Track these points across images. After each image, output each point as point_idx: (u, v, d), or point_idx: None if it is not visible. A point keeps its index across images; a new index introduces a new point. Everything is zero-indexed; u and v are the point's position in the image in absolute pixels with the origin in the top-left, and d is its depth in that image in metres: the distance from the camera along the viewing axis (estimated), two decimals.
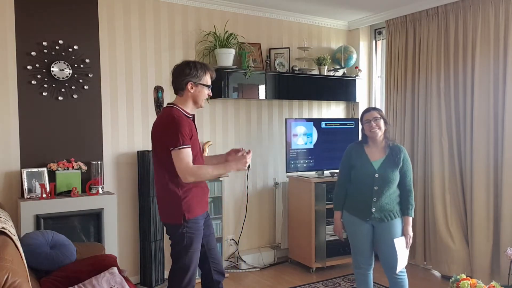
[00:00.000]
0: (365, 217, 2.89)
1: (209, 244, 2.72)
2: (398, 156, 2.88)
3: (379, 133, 2.90)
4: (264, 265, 4.48)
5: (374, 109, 2.98)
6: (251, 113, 4.58)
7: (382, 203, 2.85)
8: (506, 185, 3.73)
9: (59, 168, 3.47)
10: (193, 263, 2.56)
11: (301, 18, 4.78)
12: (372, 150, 2.94)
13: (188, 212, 2.50)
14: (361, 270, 3.01)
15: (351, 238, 3.02)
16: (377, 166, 2.88)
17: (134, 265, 3.95)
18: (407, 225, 2.89)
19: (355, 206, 2.95)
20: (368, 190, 2.87)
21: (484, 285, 2.62)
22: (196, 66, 2.56)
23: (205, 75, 2.58)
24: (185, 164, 2.41)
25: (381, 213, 2.86)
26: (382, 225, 2.88)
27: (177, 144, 2.40)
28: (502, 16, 3.73)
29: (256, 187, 4.64)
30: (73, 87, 3.61)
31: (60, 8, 3.57)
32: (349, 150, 3.05)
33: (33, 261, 2.57)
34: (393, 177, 2.86)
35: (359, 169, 2.92)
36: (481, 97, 3.87)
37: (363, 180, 2.90)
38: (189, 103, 2.58)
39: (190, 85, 2.53)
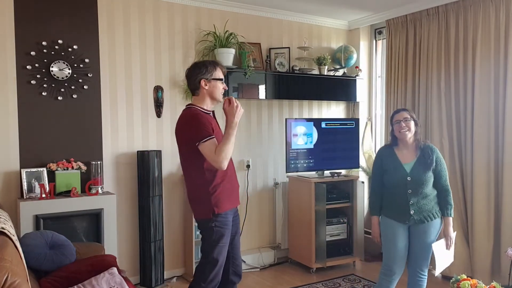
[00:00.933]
0: (404, 219, 2.85)
1: (235, 244, 2.77)
2: (430, 157, 2.85)
3: (409, 135, 2.87)
4: (264, 265, 4.48)
5: (405, 110, 2.94)
6: (251, 113, 4.57)
7: (420, 204, 2.83)
8: (507, 185, 3.73)
9: (59, 168, 3.46)
10: (221, 257, 2.62)
11: (301, 17, 4.78)
12: (403, 152, 2.91)
13: (217, 207, 2.57)
14: (391, 278, 2.92)
15: (388, 243, 2.93)
16: (409, 169, 2.85)
17: (133, 266, 3.94)
18: (448, 225, 2.88)
19: (393, 210, 2.90)
20: (403, 194, 2.84)
21: (484, 286, 2.62)
22: (205, 64, 2.66)
23: (215, 70, 2.65)
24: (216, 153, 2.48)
25: (420, 215, 2.83)
26: (421, 227, 2.85)
27: (202, 138, 2.49)
28: (503, 16, 3.72)
29: (256, 187, 4.63)
30: (73, 87, 3.61)
31: (59, 8, 3.56)
32: (380, 154, 3.02)
33: (33, 261, 2.56)
34: (425, 179, 2.83)
35: (391, 173, 2.89)
36: (482, 96, 3.86)
37: (396, 184, 2.87)
38: (206, 100, 2.67)
39: (204, 82, 2.62)
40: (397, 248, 2.88)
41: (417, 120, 2.94)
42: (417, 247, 2.88)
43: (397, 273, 2.91)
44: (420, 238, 2.86)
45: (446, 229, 2.90)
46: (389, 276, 2.93)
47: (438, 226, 2.90)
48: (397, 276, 2.93)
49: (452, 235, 2.91)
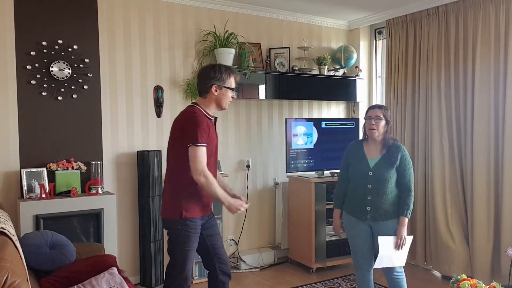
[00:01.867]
0: (361, 216, 2.88)
1: (215, 244, 2.74)
2: (395, 155, 2.85)
3: (376, 133, 2.88)
4: (264, 265, 4.48)
5: (379, 108, 2.93)
6: (251, 113, 4.57)
7: (378, 202, 2.83)
8: (507, 185, 3.73)
9: (59, 168, 3.46)
10: (188, 262, 2.57)
11: (301, 17, 4.78)
12: (371, 148, 2.94)
13: (187, 211, 2.53)
14: (361, 271, 3.00)
15: (350, 239, 3.01)
16: (372, 164, 2.87)
17: (133, 266, 3.94)
18: (400, 226, 2.83)
19: (353, 205, 2.94)
20: (363, 188, 2.86)
21: (484, 286, 2.62)
22: (221, 69, 2.61)
23: (230, 78, 2.62)
24: (202, 163, 2.46)
25: (375, 212, 2.84)
26: (377, 225, 2.86)
27: (195, 141, 2.45)
28: (503, 16, 3.72)
29: (256, 187, 4.63)
30: (73, 87, 3.61)
31: (59, 8, 3.56)
32: (349, 148, 3.06)
33: (33, 262, 2.56)
34: (387, 176, 2.82)
35: (354, 167, 2.93)
36: (482, 96, 3.86)
37: (358, 178, 2.90)
38: (212, 105, 2.63)
39: (215, 88, 2.58)
40: (357, 243, 2.94)
41: (390, 120, 2.92)
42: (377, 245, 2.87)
43: (365, 266, 2.96)
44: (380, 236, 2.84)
45: (398, 228, 2.83)
46: (359, 269, 2.99)
47: (396, 225, 2.85)
48: (367, 269, 2.97)
49: (405, 236, 2.82)
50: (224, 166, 4.32)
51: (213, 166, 2.67)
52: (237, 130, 4.48)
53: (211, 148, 2.58)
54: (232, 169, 4.47)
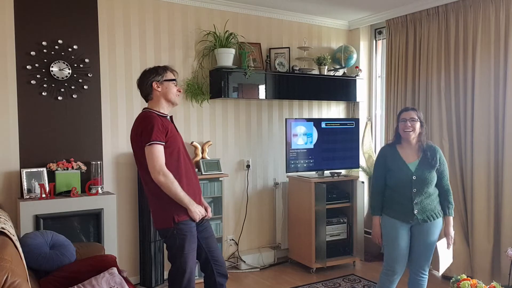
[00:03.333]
0: (407, 219, 2.85)
1: (210, 246, 2.72)
2: (434, 157, 2.86)
3: (412, 135, 2.87)
4: (264, 265, 4.48)
5: (413, 110, 2.94)
6: (251, 113, 4.57)
7: (424, 204, 2.83)
8: (507, 185, 3.73)
9: (59, 168, 3.46)
10: (188, 265, 2.55)
11: (301, 17, 4.78)
12: (407, 152, 2.91)
13: (177, 215, 2.51)
14: (393, 278, 2.91)
15: (391, 243, 2.91)
16: (413, 168, 2.85)
17: (133, 266, 3.94)
18: (449, 225, 2.90)
19: (396, 209, 2.89)
20: (408, 193, 2.83)
21: (484, 286, 2.62)
22: (155, 68, 2.63)
23: (166, 72, 2.61)
24: (159, 161, 2.41)
25: (423, 214, 2.83)
26: (423, 226, 2.85)
27: (149, 140, 2.42)
28: (503, 16, 3.72)
29: (256, 187, 4.63)
30: (73, 87, 3.61)
31: (59, 8, 3.56)
32: (383, 153, 3.00)
33: (33, 262, 2.56)
34: (430, 178, 2.84)
35: (396, 172, 2.88)
36: (482, 96, 3.86)
37: (401, 183, 2.86)
38: (162, 103, 2.60)
39: (155, 84, 2.58)
40: (400, 248, 2.87)
41: (423, 121, 2.93)
42: (419, 246, 2.88)
43: (398, 273, 2.91)
44: (423, 238, 2.87)
45: (447, 228, 2.91)
46: (391, 276, 2.92)
47: (440, 225, 2.90)
48: (398, 276, 2.93)
49: (452, 234, 2.92)
50: (224, 166, 4.32)
51: (188, 167, 2.61)
52: (237, 130, 4.48)
53: (177, 146, 2.54)
54: (232, 169, 4.47)
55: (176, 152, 2.53)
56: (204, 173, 4.04)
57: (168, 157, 2.49)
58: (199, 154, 4.14)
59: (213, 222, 4.10)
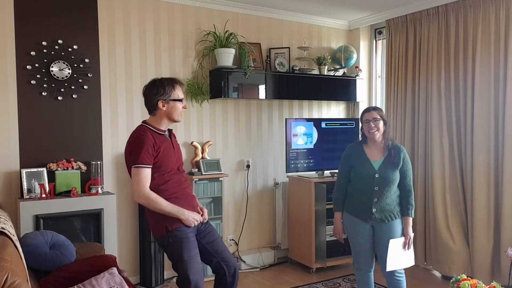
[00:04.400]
0: (365, 217, 2.88)
1: (217, 249, 2.69)
2: (397, 156, 2.88)
3: (377, 135, 2.89)
4: (264, 265, 4.48)
5: (374, 109, 2.96)
6: (251, 113, 4.57)
7: (383, 203, 2.84)
8: (507, 185, 3.73)
9: (59, 168, 3.46)
10: (192, 272, 2.50)
11: (301, 17, 4.78)
12: (372, 150, 2.93)
13: (169, 223, 2.49)
14: (362, 272, 3.00)
15: (351, 239, 3.01)
16: (377, 167, 2.87)
17: (133, 266, 3.94)
18: (407, 225, 2.89)
19: (356, 207, 2.93)
20: (369, 191, 2.85)
21: (484, 286, 2.61)
22: (162, 83, 2.54)
23: (174, 90, 2.55)
24: (140, 185, 2.42)
25: (381, 214, 2.85)
26: (382, 226, 2.87)
27: (136, 162, 2.42)
28: (503, 16, 3.72)
29: (256, 187, 4.63)
30: (73, 87, 3.61)
31: (59, 8, 3.56)
32: (349, 150, 3.03)
33: (33, 262, 2.56)
34: (393, 177, 2.85)
35: (359, 169, 2.92)
36: (482, 96, 3.86)
37: (363, 181, 2.89)
38: (163, 121, 2.57)
39: (161, 103, 2.52)
40: (360, 243, 2.93)
41: (386, 120, 2.94)
42: (381, 246, 2.88)
43: (367, 267, 2.96)
44: (383, 237, 2.87)
45: (405, 229, 2.90)
46: (360, 270, 2.99)
47: (400, 226, 2.90)
48: (368, 271, 2.98)
49: (411, 235, 2.90)
50: (224, 166, 4.32)
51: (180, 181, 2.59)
52: (237, 130, 4.48)
53: (169, 166, 2.53)
54: (232, 169, 4.47)
55: (168, 171, 2.52)
56: (204, 173, 4.04)
57: (158, 176, 2.49)
58: (199, 154, 4.14)
59: (213, 222, 4.10)
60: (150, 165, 2.44)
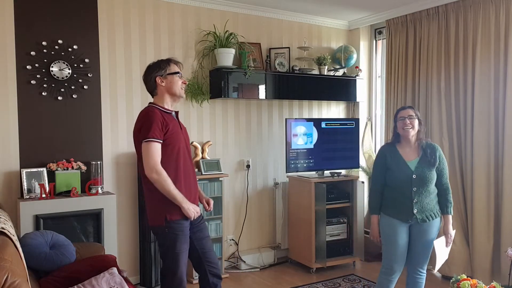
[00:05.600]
0: (406, 218, 2.84)
1: (203, 248, 2.68)
2: (433, 155, 2.85)
3: (412, 132, 2.86)
4: (264, 265, 4.48)
5: (410, 108, 2.94)
6: (251, 113, 4.57)
7: (423, 203, 2.83)
8: (507, 184, 3.73)
9: (59, 168, 3.46)
10: (180, 265, 2.52)
11: (301, 17, 4.78)
12: (406, 150, 2.90)
13: (170, 214, 2.48)
14: (392, 277, 2.91)
15: (388, 242, 2.91)
16: (413, 167, 2.84)
17: (133, 266, 3.94)
18: (448, 223, 2.89)
19: (395, 208, 2.88)
20: (407, 192, 2.82)
21: (484, 286, 2.62)
22: (157, 62, 2.60)
23: (169, 65, 2.57)
24: (153, 159, 2.40)
25: (423, 214, 2.83)
26: (422, 225, 2.85)
27: (146, 136, 2.41)
28: (503, 16, 3.72)
29: (256, 187, 4.63)
30: (73, 87, 3.61)
31: (59, 8, 3.56)
32: (383, 151, 2.99)
33: (33, 262, 2.56)
34: (430, 177, 2.83)
35: (395, 171, 2.87)
36: (482, 96, 3.86)
37: (401, 182, 2.85)
38: (166, 98, 2.58)
39: (159, 79, 2.55)
40: (398, 247, 2.87)
41: (421, 119, 2.93)
42: (418, 245, 2.88)
43: (397, 272, 2.92)
44: (422, 237, 2.87)
45: (446, 227, 2.90)
46: (390, 275, 2.92)
47: (438, 224, 2.91)
48: (397, 275, 2.93)
49: (452, 233, 2.92)
50: (224, 166, 4.32)
51: (188, 166, 2.60)
52: (237, 130, 4.48)
53: (177, 144, 2.52)
54: (232, 169, 4.47)
55: (176, 150, 2.51)
56: (204, 173, 4.04)
57: (166, 155, 2.47)
58: (199, 154, 4.14)
59: (213, 222, 4.10)
60: (161, 140, 2.43)
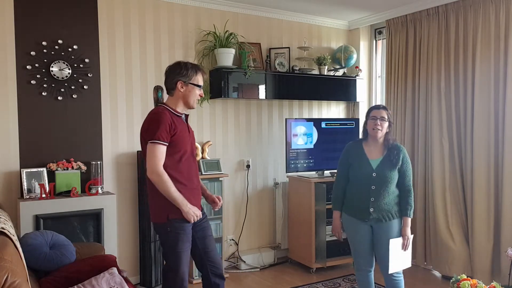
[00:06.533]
0: (363, 217, 2.87)
1: (206, 247, 2.69)
2: (396, 155, 2.86)
3: (380, 134, 2.87)
4: (264, 265, 4.48)
5: (384, 108, 2.93)
6: (251, 113, 4.57)
7: (380, 203, 2.83)
8: (507, 185, 3.73)
9: (59, 168, 3.46)
10: (182, 264, 2.53)
11: (301, 17, 4.78)
12: (371, 149, 2.92)
13: (172, 212, 2.49)
14: (362, 272, 2.99)
15: (350, 239, 2.99)
16: (375, 165, 2.86)
17: (133, 266, 3.94)
18: (405, 226, 2.87)
19: (353, 206, 2.92)
20: (366, 190, 2.84)
21: (484, 286, 2.61)
22: (187, 66, 2.58)
23: (196, 75, 2.58)
24: (155, 161, 2.42)
25: (379, 213, 2.83)
26: (380, 226, 2.85)
27: (152, 138, 2.42)
28: (503, 16, 3.72)
29: (256, 187, 4.63)
30: (73, 87, 3.61)
31: (59, 8, 3.56)
32: (348, 148, 3.02)
33: (33, 262, 2.56)
34: (391, 177, 2.83)
35: (356, 168, 2.90)
36: (482, 96, 3.86)
37: (360, 179, 2.88)
38: (179, 103, 2.59)
39: (180, 84, 2.55)
40: (359, 243, 2.91)
41: (392, 121, 2.93)
42: (382, 246, 2.86)
43: (367, 267, 2.95)
44: (382, 238, 2.85)
45: (403, 229, 2.87)
46: (360, 270, 2.98)
47: (398, 226, 2.87)
48: (367, 270, 2.96)
49: (410, 236, 2.87)
50: (224, 166, 4.32)
51: (191, 169, 2.61)
52: (237, 130, 4.48)
53: (182, 148, 2.53)
54: (232, 169, 4.47)
55: (181, 154, 2.52)
56: (204, 173, 4.04)
57: (171, 158, 2.48)
58: (199, 154, 4.14)
59: (213, 222, 4.10)
60: (166, 143, 2.44)
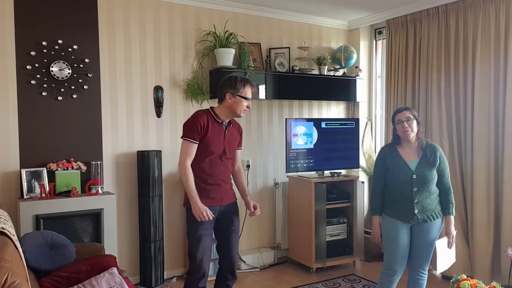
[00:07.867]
0: (407, 219, 2.84)
1: (226, 241, 2.90)
2: (433, 155, 2.85)
3: (412, 134, 2.86)
4: (264, 265, 4.48)
5: (406, 109, 2.92)
6: (251, 113, 4.57)
7: (424, 203, 2.82)
8: (507, 185, 3.73)
9: (59, 168, 3.46)
10: (198, 251, 2.74)
11: (301, 17, 4.78)
12: (406, 151, 2.90)
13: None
14: (393, 277, 2.91)
15: (390, 243, 2.91)
16: (413, 167, 2.84)
17: (133, 266, 3.94)
18: (450, 224, 2.88)
19: (397, 209, 2.88)
20: (408, 192, 2.82)
21: (484, 286, 2.62)
22: (236, 80, 2.81)
23: (244, 88, 2.80)
24: (183, 155, 2.73)
25: (424, 214, 2.83)
26: (423, 226, 2.84)
27: (184, 134, 2.76)
28: (503, 16, 3.72)
29: (256, 187, 4.63)
30: (73, 87, 3.61)
31: (59, 8, 3.56)
32: (383, 153, 2.99)
33: (33, 262, 2.56)
34: (431, 177, 2.83)
35: (396, 171, 2.87)
36: (482, 96, 3.86)
37: (401, 183, 2.85)
38: (225, 111, 2.83)
39: (229, 95, 2.79)
40: (399, 247, 2.87)
41: (419, 119, 2.92)
42: (419, 246, 2.88)
43: (398, 272, 2.91)
44: (423, 237, 2.86)
45: (447, 228, 2.89)
46: (391, 276, 2.92)
47: (440, 225, 2.90)
48: (398, 276, 2.93)
49: (454, 234, 2.91)
50: None
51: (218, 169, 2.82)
52: None
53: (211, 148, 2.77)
54: None
55: (208, 153, 2.76)
56: None
57: (199, 155, 2.76)
58: None
59: None
60: (196, 141, 2.73)
